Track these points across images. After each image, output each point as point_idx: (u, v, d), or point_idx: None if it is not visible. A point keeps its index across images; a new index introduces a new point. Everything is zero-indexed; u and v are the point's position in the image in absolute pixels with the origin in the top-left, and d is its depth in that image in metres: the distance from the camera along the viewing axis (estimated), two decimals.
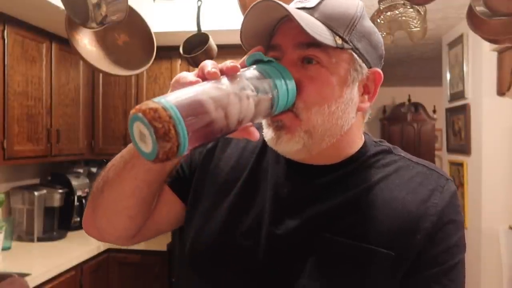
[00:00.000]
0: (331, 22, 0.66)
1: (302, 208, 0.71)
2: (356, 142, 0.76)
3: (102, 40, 1.77)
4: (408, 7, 1.76)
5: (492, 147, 2.85)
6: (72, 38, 1.66)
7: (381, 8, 1.80)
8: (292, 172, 0.74)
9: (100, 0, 1.46)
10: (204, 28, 2.24)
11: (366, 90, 0.74)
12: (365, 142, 0.77)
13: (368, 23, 0.72)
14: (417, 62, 4.61)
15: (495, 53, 2.75)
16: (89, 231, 0.84)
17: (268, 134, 0.70)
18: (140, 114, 0.48)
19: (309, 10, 0.67)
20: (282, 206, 0.72)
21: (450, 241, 0.69)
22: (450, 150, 3.45)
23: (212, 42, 2.18)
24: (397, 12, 1.78)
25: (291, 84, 0.63)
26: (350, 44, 0.68)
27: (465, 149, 3.10)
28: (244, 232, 0.73)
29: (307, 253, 0.69)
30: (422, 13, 1.78)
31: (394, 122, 6.32)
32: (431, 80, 5.50)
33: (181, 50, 2.22)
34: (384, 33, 1.83)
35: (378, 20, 1.82)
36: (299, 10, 0.66)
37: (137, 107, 0.49)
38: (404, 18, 1.79)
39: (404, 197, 0.70)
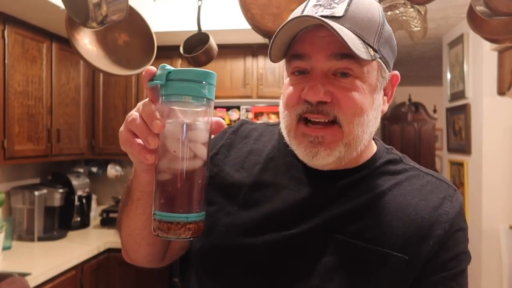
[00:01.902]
0: (362, 32, 0.65)
1: (316, 210, 0.72)
2: (370, 148, 0.77)
3: (103, 39, 1.77)
4: (409, 6, 1.76)
5: (493, 146, 2.85)
6: (72, 37, 1.66)
7: (382, 7, 1.80)
8: (307, 176, 0.75)
9: (100, 0, 1.46)
10: (204, 28, 2.24)
11: (385, 92, 0.75)
12: (378, 149, 0.79)
13: (388, 27, 0.72)
14: (418, 61, 4.61)
15: (496, 53, 2.75)
16: (128, 261, 0.87)
17: (300, 150, 0.70)
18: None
19: (339, 19, 0.65)
20: (296, 209, 0.72)
21: (459, 248, 0.71)
22: (450, 149, 3.45)
23: (213, 42, 2.18)
24: (397, 11, 1.78)
25: (201, 76, 0.55)
26: (379, 53, 0.68)
27: (465, 149, 3.10)
28: (255, 232, 0.73)
29: (320, 254, 0.69)
30: (423, 12, 1.78)
31: (394, 122, 6.32)
32: (432, 80, 5.50)
33: (181, 50, 2.22)
34: None
35: None
36: (330, 20, 0.64)
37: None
38: (404, 17, 1.79)
39: (417, 203, 0.71)
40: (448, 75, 3.46)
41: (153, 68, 0.57)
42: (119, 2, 1.49)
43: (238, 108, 2.85)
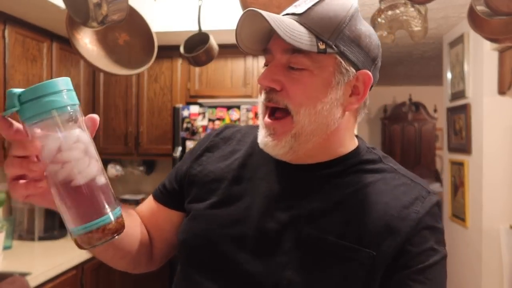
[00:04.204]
0: (315, 28, 0.70)
1: (290, 204, 0.76)
2: (347, 143, 0.80)
3: (103, 39, 1.77)
4: (409, 6, 1.76)
5: (493, 146, 2.85)
6: (72, 37, 1.66)
7: (382, 7, 1.80)
8: (282, 170, 0.79)
9: (101, 0, 1.46)
10: (205, 28, 2.24)
11: (355, 91, 0.76)
12: (358, 147, 0.82)
13: (360, 27, 0.74)
14: (418, 61, 4.61)
15: (496, 52, 2.75)
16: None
17: (259, 139, 0.77)
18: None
19: (297, 16, 0.71)
20: (271, 202, 0.77)
21: (427, 244, 0.72)
22: (451, 149, 3.45)
23: (213, 42, 2.18)
24: (398, 11, 1.78)
25: (54, 86, 0.53)
26: (335, 48, 0.71)
27: (465, 149, 3.10)
28: (235, 224, 0.77)
29: (292, 247, 0.73)
30: (423, 12, 1.78)
31: (395, 122, 6.32)
32: (432, 80, 5.50)
33: (182, 50, 2.22)
34: (386, 33, 1.83)
35: (379, 20, 1.82)
36: (284, 17, 0.71)
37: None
38: (405, 17, 1.79)
39: (387, 202, 0.74)
40: (449, 75, 3.46)
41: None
42: (120, 2, 1.49)
43: (238, 107, 2.85)
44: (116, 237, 0.56)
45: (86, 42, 1.72)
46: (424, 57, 4.39)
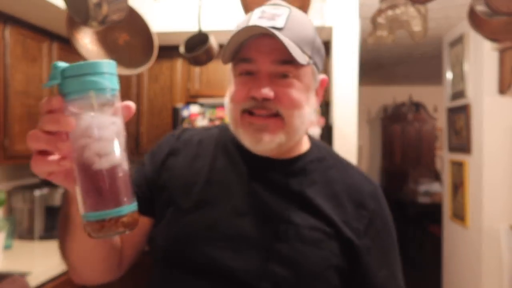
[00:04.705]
0: (300, 42, 0.78)
1: (264, 201, 0.82)
2: (305, 141, 0.91)
3: (103, 39, 1.77)
4: (409, 6, 1.76)
5: (493, 146, 2.85)
6: (73, 37, 1.66)
7: (382, 7, 1.80)
8: (250, 169, 0.85)
9: (101, 0, 1.46)
10: (205, 28, 2.24)
11: (317, 94, 0.87)
12: (312, 144, 0.92)
13: (319, 40, 0.85)
14: (418, 61, 4.61)
15: (496, 52, 2.75)
16: (80, 282, 0.86)
17: (246, 137, 0.81)
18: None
19: (280, 30, 0.77)
20: (246, 201, 0.82)
21: (383, 231, 0.87)
22: (451, 149, 3.45)
23: (213, 42, 2.18)
24: (398, 11, 1.78)
25: (99, 67, 0.53)
26: (313, 59, 0.82)
27: (466, 148, 3.10)
28: (213, 226, 0.80)
29: (272, 241, 0.79)
30: (423, 12, 1.78)
31: (395, 122, 6.32)
32: (432, 80, 5.50)
33: (182, 50, 2.22)
34: (386, 33, 1.83)
35: (379, 20, 1.82)
36: (276, 30, 0.76)
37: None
38: (405, 17, 1.79)
39: (345, 190, 0.86)
40: (449, 75, 3.46)
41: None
42: (120, 2, 1.49)
43: None
44: (126, 232, 0.55)
45: (86, 42, 1.72)
46: (424, 57, 4.39)
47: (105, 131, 0.52)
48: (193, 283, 0.79)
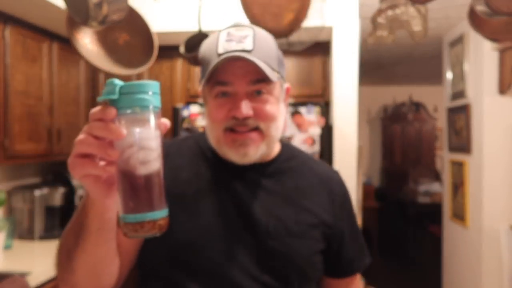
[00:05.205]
0: (269, 60, 0.86)
1: (250, 203, 0.90)
2: (277, 145, 0.99)
3: (103, 39, 1.77)
4: (409, 6, 1.76)
5: (493, 146, 2.85)
6: (73, 37, 1.66)
7: (382, 7, 1.80)
8: (233, 177, 0.92)
9: (101, 0, 1.45)
10: (205, 28, 2.24)
11: (284, 102, 0.96)
12: (282, 145, 1.01)
13: (279, 51, 0.92)
14: (418, 61, 4.61)
15: (496, 52, 2.75)
16: None
17: (232, 153, 0.88)
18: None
19: (249, 52, 0.83)
20: (235, 205, 0.89)
21: (351, 212, 1.03)
22: (451, 149, 3.45)
23: None
24: (398, 11, 1.78)
25: (147, 87, 0.60)
26: (280, 74, 0.90)
27: (466, 148, 3.10)
28: (211, 232, 0.87)
29: (264, 239, 0.87)
30: (423, 12, 1.78)
31: (395, 122, 6.32)
32: (432, 79, 5.50)
33: (182, 49, 2.22)
34: (386, 33, 1.83)
35: (379, 20, 1.82)
36: (246, 53, 0.82)
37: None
38: (405, 17, 1.79)
39: (317, 181, 0.98)
40: (449, 75, 3.46)
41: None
42: (120, 2, 1.49)
43: None
44: (158, 234, 0.61)
45: (86, 42, 1.72)
46: (424, 57, 4.39)
47: (149, 142, 0.59)
48: (197, 286, 0.84)
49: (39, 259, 2.37)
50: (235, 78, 0.85)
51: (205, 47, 0.90)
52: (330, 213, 0.95)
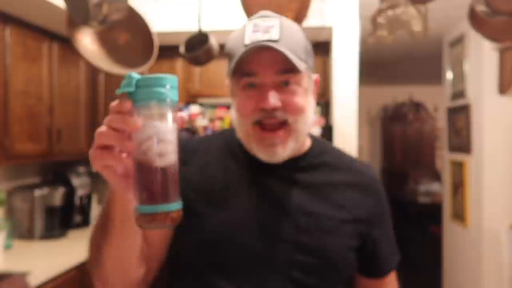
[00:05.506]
0: (296, 50, 0.84)
1: (281, 198, 0.88)
2: (307, 140, 0.97)
3: (103, 39, 1.77)
4: (409, 6, 1.76)
5: (494, 146, 2.85)
6: (73, 37, 1.66)
7: (382, 7, 1.80)
8: (264, 172, 0.90)
9: (101, 0, 1.45)
10: (205, 28, 2.24)
11: (313, 94, 0.93)
12: (313, 139, 0.99)
13: (308, 43, 0.90)
14: (418, 61, 4.61)
15: (496, 52, 2.74)
16: None
17: (260, 152, 0.87)
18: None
19: (276, 42, 0.82)
20: (266, 200, 0.88)
21: (385, 208, 0.99)
22: (451, 149, 3.45)
23: (213, 42, 2.18)
24: (398, 11, 1.78)
25: (165, 81, 0.61)
26: (308, 64, 0.87)
27: (466, 148, 3.10)
28: (242, 226, 0.86)
29: (295, 233, 0.86)
30: (423, 12, 1.78)
31: (395, 121, 6.32)
32: (432, 79, 5.50)
33: (182, 50, 2.22)
34: (386, 33, 1.83)
35: (379, 20, 1.82)
36: (273, 43, 0.81)
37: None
38: (405, 17, 1.79)
39: (350, 177, 0.95)
40: (449, 75, 3.46)
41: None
42: (120, 2, 1.49)
43: None
44: (171, 227, 0.62)
45: (86, 42, 1.72)
46: (424, 57, 4.39)
47: (166, 135, 0.60)
48: (226, 280, 0.84)
49: (39, 259, 2.37)
50: (261, 69, 0.83)
51: (231, 40, 0.88)
52: (364, 209, 0.92)
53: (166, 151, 0.60)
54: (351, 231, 0.90)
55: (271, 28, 0.83)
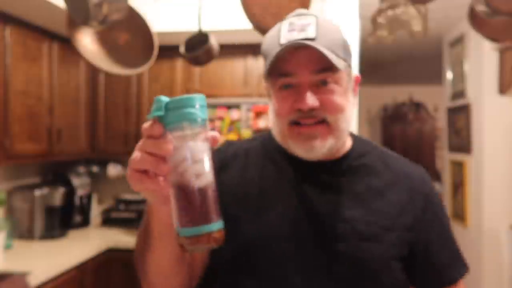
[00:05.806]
0: (334, 48, 0.80)
1: (319, 201, 0.85)
2: (348, 140, 0.93)
3: (104, 39, 1.77)
4: (409, 6, 1.76)
5: (494, 146, 2.85)
6: (73, 37, 1.67)
7: (382, 7, 1.80)
8: (301, 174, 0.88)
9: (101, 0, 1.46)
10: (205, 28, 2.24)
11: (353, 92, 0.90)
12: (354, 141, 0.95)
13: (347, 40, 0.86)
14: (418, 61, 4.61)
15: (496, 52, 2.75)
16: None
17: (297, 147, 0.83)
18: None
19: (313, 40, 0.79)
20: (304, 204, 0.85)
21: (438, 213, 0.91)
22: (451, 149, 3.45)
23: (213, 42, 2.18)
24: (398, 11, 1.78)
25: (194, 101, 0.62)
26: (347, 62, 0.84)
27: (466, 148, 3.10)
28: (278, 230, 0.84)
29: (332, 239, 0.82)
30: (423, 12, 1.78)
31: (395, 121, 6.32)
32: (432, 79, 5.50)
33: (182, 50, 2.22)
34: (386, 33, 1.83)
35: (379, 19, 1.82)
36: (310, 41, 0.78)
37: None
38: (405, 17, 1.79)
39: (395, 179, 0.89)
40: (449, 75, 3.47)
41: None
42: (120, 2, 1.49)
43: (238, 107, 2.85)
44: (215, 247, 0.61)
45: (87, 42, 1.72)
46: (424, 57, 4.39)
47: (200, 155, 0.60)
48: (259, 287, 0.83)
49: (39, 259, 2.37)
50: (298, 68, 0.80)
51: (267, 40, 0.85)
52: (411, 215, 0.85)
53: (202, 171, 0.60)
54: (394, 239, 0.83)
55: (307, 26, 0.81)
